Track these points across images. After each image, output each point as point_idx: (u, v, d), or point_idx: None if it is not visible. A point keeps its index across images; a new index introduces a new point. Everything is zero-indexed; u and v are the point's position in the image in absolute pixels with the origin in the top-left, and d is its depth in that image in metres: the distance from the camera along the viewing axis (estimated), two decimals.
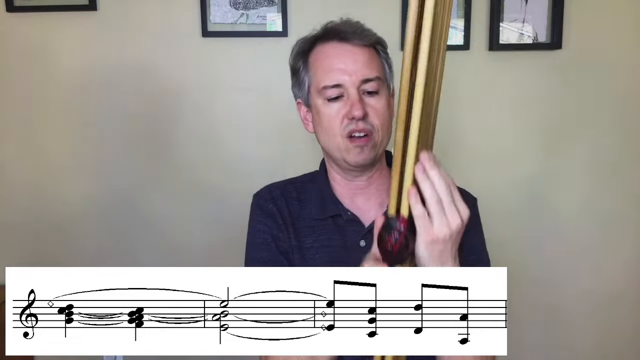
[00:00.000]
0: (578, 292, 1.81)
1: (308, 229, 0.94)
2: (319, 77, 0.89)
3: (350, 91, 0.86)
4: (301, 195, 0.98)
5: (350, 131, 0.86)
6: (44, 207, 1.73)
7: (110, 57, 1.67)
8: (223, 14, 1.65)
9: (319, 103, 0.89)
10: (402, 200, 0.65)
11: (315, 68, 0.90)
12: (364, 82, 0.86)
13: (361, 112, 0.84)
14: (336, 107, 0.87)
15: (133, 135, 1.71)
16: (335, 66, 0.87)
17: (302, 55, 0.93)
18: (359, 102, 0.85)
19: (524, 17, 1.67)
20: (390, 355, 0.67)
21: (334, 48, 0.89)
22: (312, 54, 0.91)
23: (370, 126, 0.87)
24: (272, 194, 0.97)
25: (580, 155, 1.75)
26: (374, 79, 0.87)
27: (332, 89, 0.87)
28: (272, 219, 0.94)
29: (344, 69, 0.86)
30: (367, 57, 0.88)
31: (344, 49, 0.88)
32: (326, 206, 0.94)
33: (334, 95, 0.87)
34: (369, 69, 0.87)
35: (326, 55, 0.89)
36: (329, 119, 0.88)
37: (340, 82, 0.86)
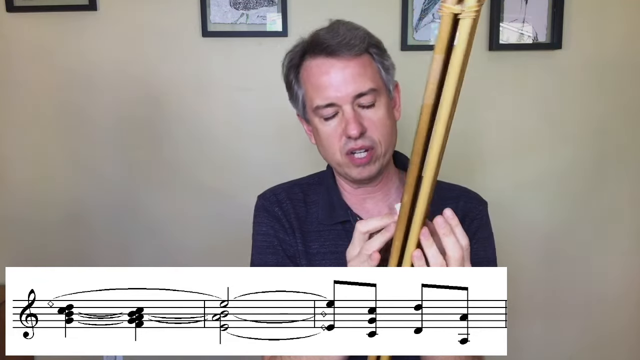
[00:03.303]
0: (578, 293, 1.81)
1: (315, 233, 0.91)
2: (311, 95, 0.85)
3: (345, 108, 0.82)
4: (308, 198, 0.95)
5: (349, 149, 0.83)
6: (44, 207, 1.73)
7: (110, 57, 1.67)
8: (223, 14, 1.65)
9: (316, 121, 0.86)
10: (405, 260, 0.65)
11: (307, 85, 0.86)
12: (357, 97, 0.82)
13: (357, 130, 0.81)
14: (333, 125, 0.84)
15: (133, 135, 1.71)
16: (325, 84, 0.82)
17: (293, 70, 0.88)
18: (354, 120, 0.81)
19: (524, 17, 1.67)
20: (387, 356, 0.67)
21: (323, 64, 0.83)
22: (302, 68, 0.87)
23: (370, 141, 0.83)
24: (277, 196, 0.94)
25: (580, 155, 1.75)
26: (367, 92, 0.82)
27: (325, 108, 0.83)
28: (279, 222, 0.92)
29: (335, 87, 0.82)
30: (358, 70, 0.82)
31: (332, 65, 0.82)
32: (335, 211, 0.91)
33: (329, 115, 0.84)
34: (361, 82, 0.82)
35: (315, 72, 0.84)
36: (327, 137, 0.85)
37: (332, 101, 0.82)
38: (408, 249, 0.64)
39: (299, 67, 0.88)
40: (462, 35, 0.50)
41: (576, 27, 1.68)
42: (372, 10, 1.63)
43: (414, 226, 0.62)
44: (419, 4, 1.65)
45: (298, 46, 0.88)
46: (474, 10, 0.48)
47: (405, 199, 0.62)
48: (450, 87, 0.52)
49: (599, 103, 1.73)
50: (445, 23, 0.50)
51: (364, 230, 0.70)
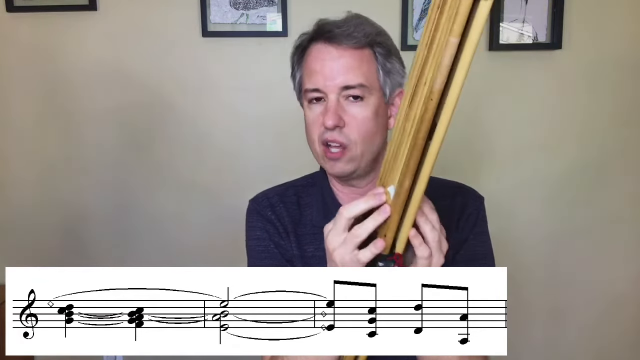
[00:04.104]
0: (579, 293, 1.81)
1: (310, 236, 0.89)
2: (304, 78, 0.86)
3: (330, 97, 0.82)
4: (301, 200, 0.93)
5: (324, 139, 0.83)
6: (44, 207, 1.74)
7: (110, 57, 1.67)
8: (223, 14, 1.65)
9: (305, 105, 0.86)
10: (400, 239, 0.64)
11: (304, 69, 0.87)
12: (344, 89, 0.81)
13: (332, 122, 0.80)
14: (317, 111, 0.84)
15: (133, 135, 1.71)
16: (317, 69, 0.82)
17: (299, 52, 0.88)
18: (333, 111, 0.80)
19: (524, 17, 1.67)
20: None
21: (320, 50, 0.83)
22: (306, 52, 0.87)
23: (345, 138, 0.81)
24: (270, 200, 0.92)
25: (580, 155, 1.75)
26: (356, 86, 0.81)
27: (311, 92, 0.83)
28: (273, 226, 0.90)
29: (324, 74, 0.81)
30: (352, 62, 0.81)
31: (329, 52, 0.82)
32: (329, 213, 0.88)
33: (313, 98, 0.84)
34: (352, 75, 0.81)
35: (313, 56, 0.84)
36: (310, 122, 0.85)
37: (318, 87, 0.82)
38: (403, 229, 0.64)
39: (304, 50, 0.87)
40: (481, 17, 0.49)
41: (576, 27, 1.68)
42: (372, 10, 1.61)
43: (410, 209, 0.62)
44: (419, 4, 1.65)
45: (309, 31, 0.88)
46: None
47: (407, 183, 0.61)
48: (461, 72, 0.52)
49: (599, 103, 1.73)
50: (465, 4, 0.49)
51: (350, 215, 0.65)
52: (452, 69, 0.53)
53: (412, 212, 0.62)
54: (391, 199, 0.64)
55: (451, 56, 0.52)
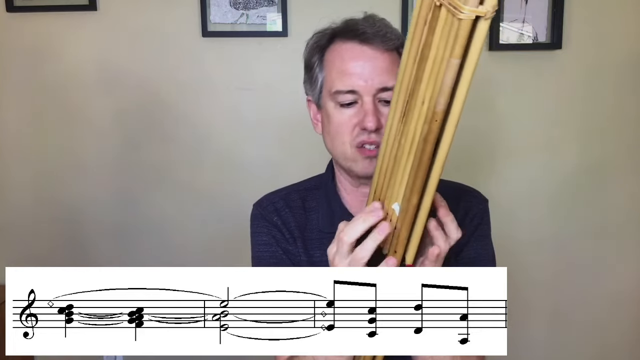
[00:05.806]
0: (579, 293, 1.81)
1: (316, 240, 0.88)
2: (333, 79, 0.82)
3: (365, 99, 0.79)
4: (306, 204, 0.91)
5: (360, 142, 0.80)
6: (44, 207, 1.74)
7: (110, 57, 1.67)
8: (223, 14, 1.65)
9: (331, 106, 0.83)
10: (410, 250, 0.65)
11: (330, 68, 0.83)
12: (380, 91, 0.79)
13: (374, 124, 0.78)
14: (348, 114, 0.81)
15: (133, 135, 1.71)
16: (351, 70, 0.80)
17: (319, 51, 0.85)
18: (373, 113, 0.78)
19: (524, 17, 1.67)
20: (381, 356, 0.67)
21: (353, 49, 0.81)
22: (329, 51, 0.84)
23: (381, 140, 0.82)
24: (275, 205, 0.91)
25: (580, 155, 1.75)
26: (391, 88, 0.78)
27: (345, 94, 0.80)
28: (279, 232, 0.88)
29: (361, 74, 0.79)
30: (387, 63, 0.80)
31: (364, 52, 0.80)
32: (335, 218, 0.86)
33: (347, 101, 0.80)
34: (388, 76, 0.79)
35: (344, 56, 0.82)
36: (339, 125, 0.82)
37: (355, 88, 0.80)
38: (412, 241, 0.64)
39: (325, 49, 0.85)
40: (480, 37, 0.49)
41: (576, 27, 1.68)
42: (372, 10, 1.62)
43: (419, 220, 0.62)
44: None
45: (328, 29, 0.86)
46: (495, 9, 0.48)
47: (415, 200, 0.61)
48: (462, 91, 0.52)
49: (599, 103, 1.73)
50: (465, 26, 0.48)
51: (350, 240, 0.65)
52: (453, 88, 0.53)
53: (421, 224, 0.62)
54: (396, 216, 0.64)
55: (453, 78, 0.52)
